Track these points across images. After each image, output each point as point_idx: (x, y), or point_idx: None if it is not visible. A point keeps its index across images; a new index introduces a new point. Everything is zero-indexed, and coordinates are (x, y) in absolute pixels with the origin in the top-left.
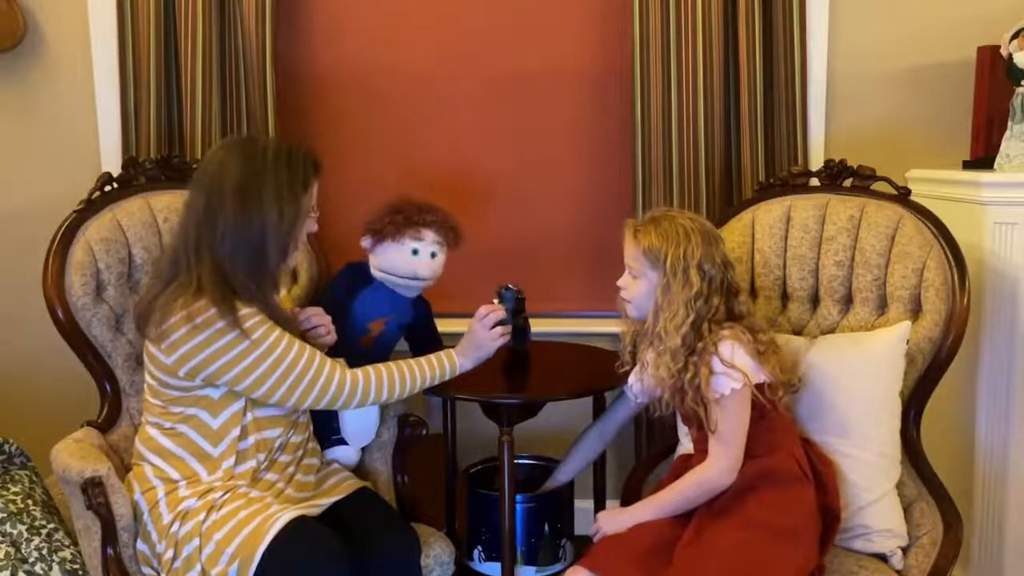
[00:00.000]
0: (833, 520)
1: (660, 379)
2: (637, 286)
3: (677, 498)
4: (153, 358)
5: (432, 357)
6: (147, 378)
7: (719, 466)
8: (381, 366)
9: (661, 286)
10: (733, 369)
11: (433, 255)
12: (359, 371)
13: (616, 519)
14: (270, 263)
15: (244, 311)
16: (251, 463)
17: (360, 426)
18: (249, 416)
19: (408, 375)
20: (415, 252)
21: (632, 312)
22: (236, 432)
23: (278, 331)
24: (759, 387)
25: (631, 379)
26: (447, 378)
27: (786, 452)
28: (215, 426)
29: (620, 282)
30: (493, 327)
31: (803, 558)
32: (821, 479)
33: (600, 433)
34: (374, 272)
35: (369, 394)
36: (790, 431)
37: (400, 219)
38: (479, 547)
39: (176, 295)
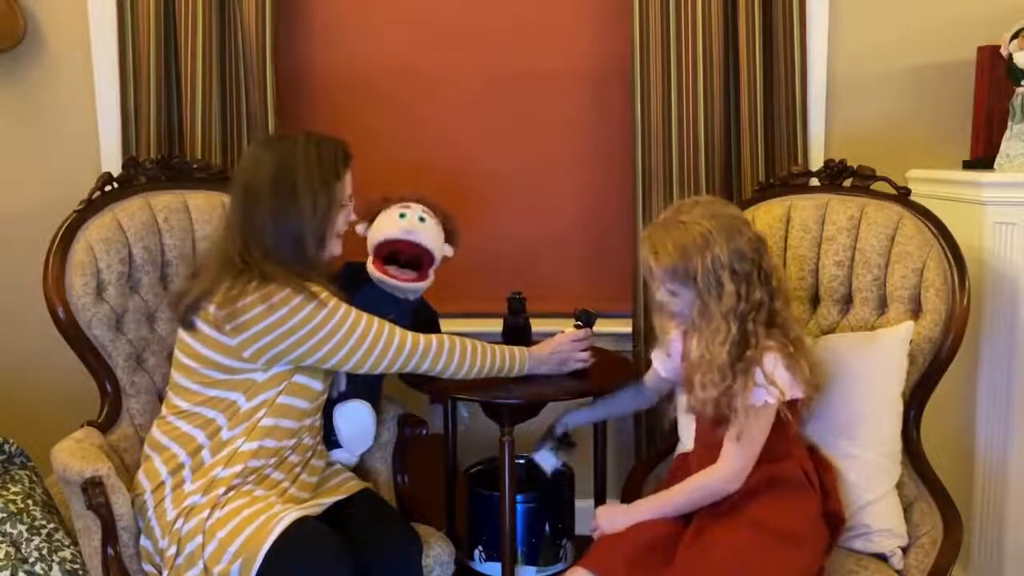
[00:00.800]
0: (837, 526)
1: (707, 399)
2: (679, 302)
3: (679, 499)
4: (207, 340)
5: (505, 346)
6: (185, 361)
7: (728, 471)
8: (456, 337)
9: (697, 307)
10: (770, 384)
11: (422, 219)
12: (433, 336)
13: (615, 518)
14: (309, 252)
15: (315, 287)
16: (254, 444)
17: (355, 433)
18: (286, 401)
19: (479, 352)
20: (402, 216)
21: (681, 321)
22: (260, 414)
23: (344, 304)
24: (788, 403)
25: (656, 364)
26: (513, 372)
27: (794, 460)
28: (243, 408)
29: (660, 297)
30: (584, 346)
31: (805, 562)
32: (825, 486)
33: (636, 390)
34: (372, 273)
35: (440, 358)
36: (798, 439)
37: (386, 195)
38: (480, 547)
39: (245, 282)
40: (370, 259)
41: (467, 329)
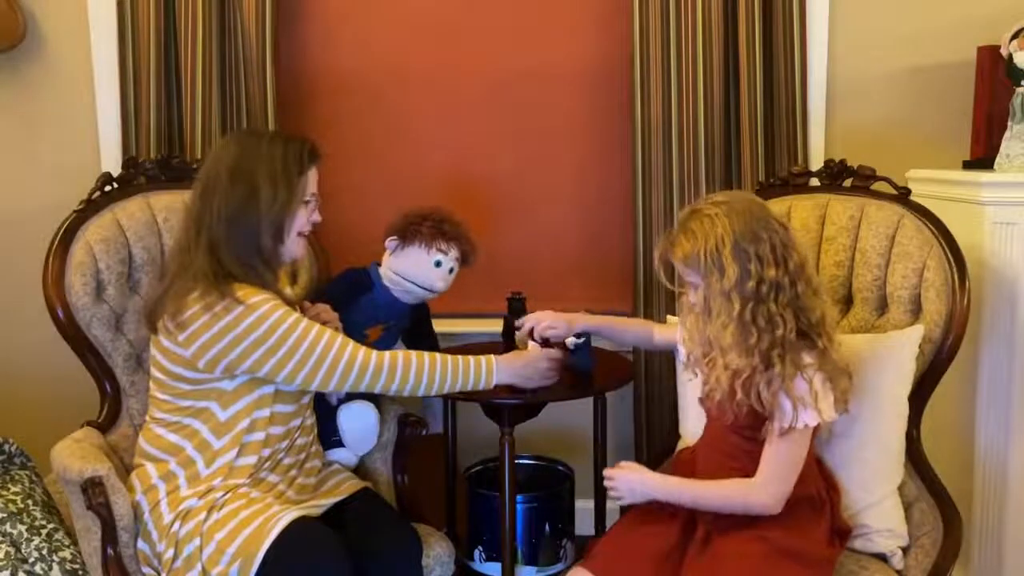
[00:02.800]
0: (843, 539)
1: (719, 388)
2: (699, 296)
3: (711, 498)
4: (167, 352)
5: (470, 357)
6: (155, 373)
7: (769, 499)
8: (413, 352)
9: (702, 290)
10: (811, 407)
11: (451, 270)
12: (387, 353)
13: (635, 487)
14: (265, 247)
15: (257, 296)
16: (252, 458)
17: (359, 433)
18: (266, 411)
19: (440, 369)
20: (438, 264)
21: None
22: (244, 424)
23: (295, 313)
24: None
25: (677, 332)
26: (480, 385)
27: (810, 480)
28: (223, 418)
29: (691, 298)
30: (557, 367)
31: None
32: (831, 502)
33: (645, 334)
34: (384, 272)
35: (395, 378)
36: (812, 456)
37: (432, 227)
38: (480, 547)
39: (188, 287)
40: (386, 259)
41: (467, 329)
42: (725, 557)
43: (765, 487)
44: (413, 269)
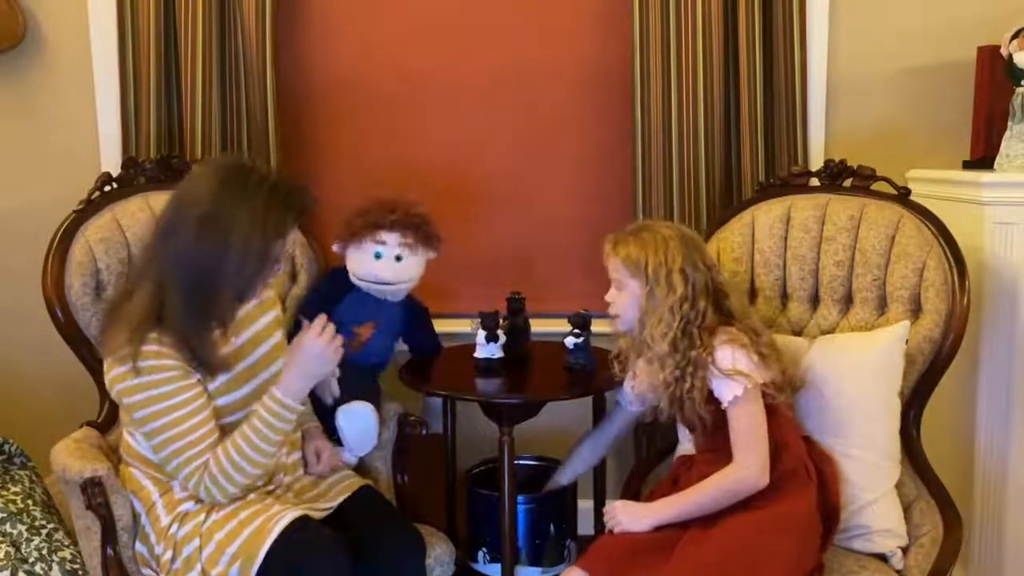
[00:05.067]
0: (833, 520)
1: (653, 387)
2: (622, 298)
3: (704, 500)
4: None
5: (255, 408)
6: None
7: (748, 471)
8: (219, 450)
9: (645, 293)
10: (736, 375)
11: (399, 258)
12: (204, 467)
13: (637, 517)
14: (219, 304)
15: (153, 361)
16: None
17: (358, 434)
18: (239, 415)
19: (243, 443)
20: (377, 256)
21: (620, 325)
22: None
23: (181, 394)
24: (763, 386)
25: (625, 386)
26: (286, 414)
27: (792, 452)
28: None
29: (607, 296)
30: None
31: (803, 553)
32: (823, 477)
33: (593, 446)
34: (352, 278)
35: (218, 483)
36: (795, 429)
37: (360, 222)
38: (484, 548)
39: (117, 317)
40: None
41: (467, 329)
42: (712, 537)
43: (742, 463)
44: (359, 267)
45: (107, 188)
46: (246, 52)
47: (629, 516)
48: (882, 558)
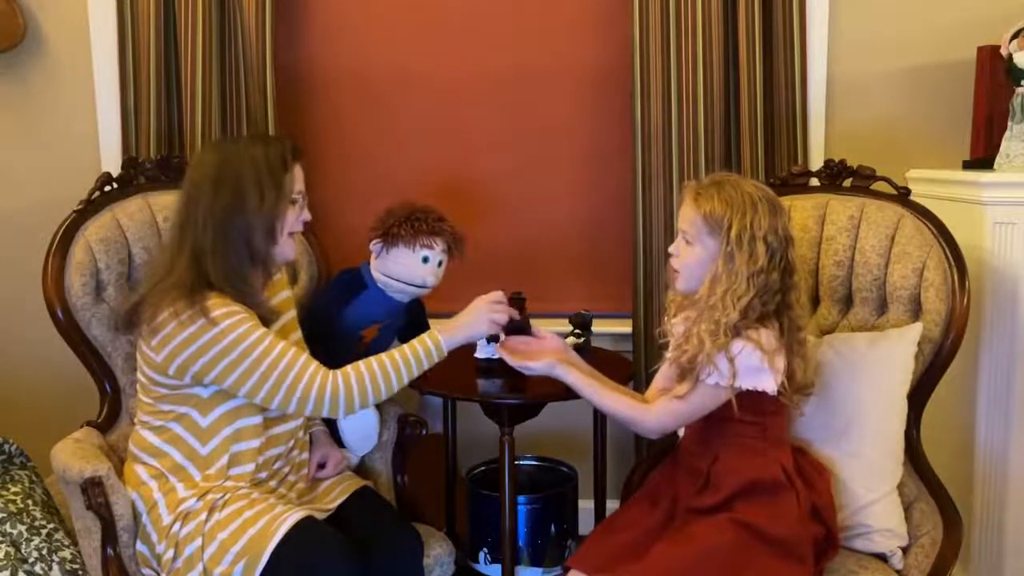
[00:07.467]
0: (831, 547)
1: (700, 350)
2: (691, 253)
3: (606, 403)
4: (144, 356)
5: (415, 341)
6: (139, 376)
7: (659, 421)
8: (362, 363)
9: (724, 255)
10: (730, 368)
11: (440, 263)
12: (340, 373)
13: (550, 365)
14: (258, 249)
15: (224, 309)
16: (249, 466)
17: (359, 436)
18: (257, 419)
19: (391, 365)
20: (425, 260)
21: (681, 284)
22: (228, 431)
23: (260, 329)
24: (762, 397)
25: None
26: (434, 357)
27: (770, 457)
28: (204, 425)
29: (672, 248)
30: (502, 319)
31: (793, 570)
32: (810, 482)
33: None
34: (375, 275)
35: (353, 395)
36: (782, 438)
37: (413, 225)
38: (485, 549)
39: (166, 292)
40: (373, 261)
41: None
42: (694, 538)
43: (658, 415)
44: (402, 269)
45: (107, 188)
46: (246, 52)
47: (555, 344)
48: (882, 558)
